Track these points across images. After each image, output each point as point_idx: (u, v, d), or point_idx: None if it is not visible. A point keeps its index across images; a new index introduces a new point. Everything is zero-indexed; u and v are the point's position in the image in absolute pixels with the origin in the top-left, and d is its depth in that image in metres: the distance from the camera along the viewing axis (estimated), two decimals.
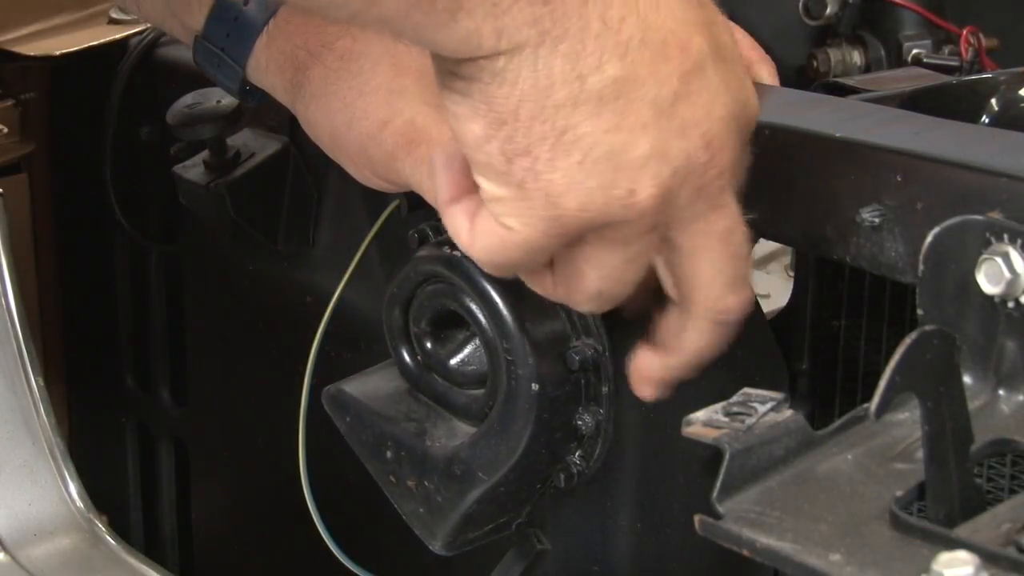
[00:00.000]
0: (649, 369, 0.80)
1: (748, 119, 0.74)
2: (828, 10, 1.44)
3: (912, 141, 0.78)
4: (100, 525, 1.21)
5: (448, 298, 0.85)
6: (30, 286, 1.36)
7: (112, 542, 1.20)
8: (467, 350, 0.86)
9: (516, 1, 0.67)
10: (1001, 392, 0.72)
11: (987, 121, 1.02)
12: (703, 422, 0.70)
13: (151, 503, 1.53)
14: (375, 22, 0.68)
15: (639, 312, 0.81)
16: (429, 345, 0.87)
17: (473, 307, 0.83)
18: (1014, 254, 0.70)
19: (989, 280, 0.71)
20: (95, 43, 1.39)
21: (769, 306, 0.94)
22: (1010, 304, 0.71)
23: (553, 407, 0.82)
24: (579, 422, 0.83)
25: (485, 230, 0.73)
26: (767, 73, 0.91)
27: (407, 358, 0.88)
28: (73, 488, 1.21)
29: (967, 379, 0.71)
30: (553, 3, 0.67)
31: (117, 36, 1.39)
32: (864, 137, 0.79)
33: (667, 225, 0.73)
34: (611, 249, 0.74)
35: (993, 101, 1.03)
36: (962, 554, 0.59)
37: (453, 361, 0.86)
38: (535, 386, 0.82)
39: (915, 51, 1.41)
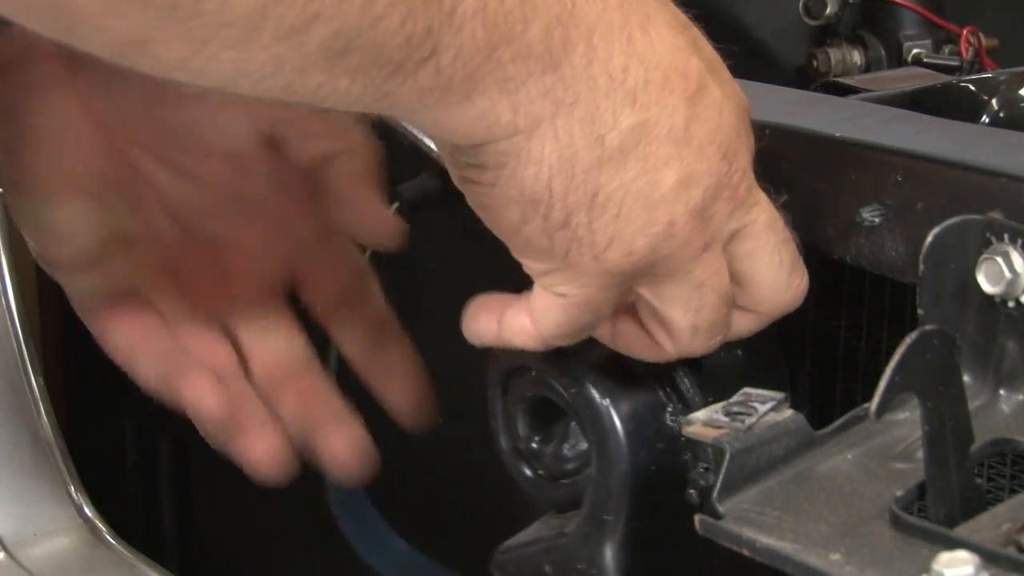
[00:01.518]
0: None
1: (746, 112, 0.75)
2: (828, 10, 1.45)
3: (912, 141, 0.78)
4: (100, 525, 1.21)
5: (526, 386, 0.85)
6: (30, 286, 1.36)
7: (112, 542, 1.20)
8: (570, 433, 0.86)
9: (529, 75, 0.66)
10: (1001, 392, 0.72)
11: (987, 121, 1.02)
12: (703, 422, 0.70)
13: (151, 503, 1.53)
14: (387, 110, 0.67)
15: None
16: (535, 447, 0.86)
17: (536, 371, 0.84)
18: (1014, 254, 0.70)
19: (989, 280, 0.71)
20: None
21: None
22: (1010, 304, 0.71)
23: (636, 416, 0.81)
24: (671, 423, 0.82)
25: (544, 307, 0.74)
26: None
27: (528, 474, 0.88)
28: (73, 488, 1.21)
29: (967, 379, 0.71)
30: (561, 70, 0.67)
31: None
32: (864, 137, 0.79)
33: (717, 240, 0.74)
34: (676, 281, 0.74)
35: (993, 101, 1.03)
36: (962, 554, 0.59)
37: (562, 450, 0.86)
38: (606, 402, 0.81)
39: (915, 51, 1.42)
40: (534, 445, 0.87)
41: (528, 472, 0.87)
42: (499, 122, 0.67)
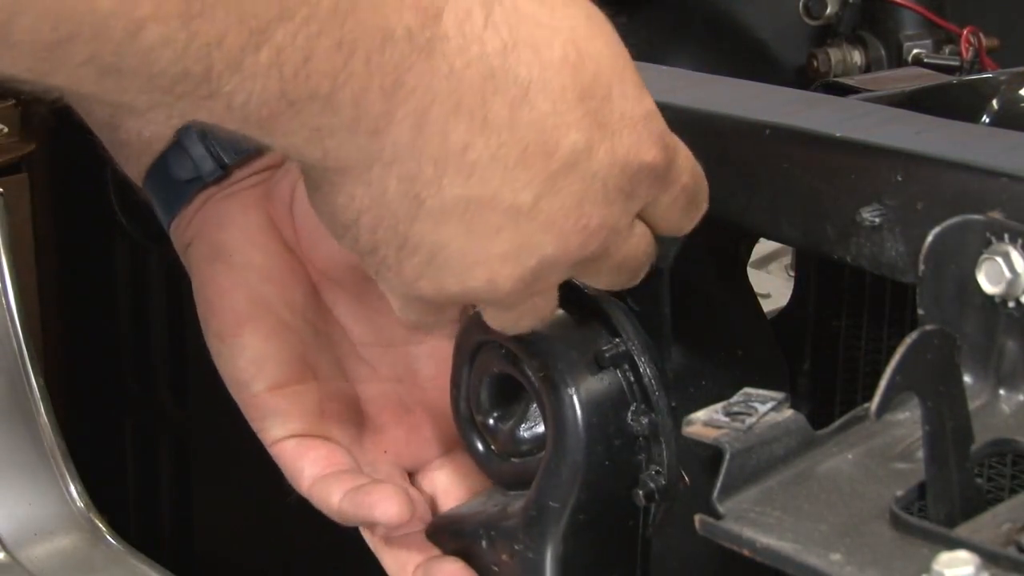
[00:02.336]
0: None
1: (637, 169, 0.69)
2: (828, 10, 1.45)
3: (912, 141, 0.78)
4: (100, 525, 1.21)
5: (494, 361, 0.85)
6: (30, 286, 1.36)
7: (112, 542, 1.20)
8: (529, 414, 0.87)
9: (337, 130, 0.63)
10: (1001, 392, 0.72)
11: (987, 121, 1.02)
12: (703, 422, 0.70)
13: (151, 503, 1.53)
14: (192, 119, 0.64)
15: None
16: (492, 423, 0.87)
17: (506, 348, 0.84)
18: (1014, 254, 0.70)
19: (989, 280, 0.71)
20: None
21: (769, 306, 0.94)
22: (1010, 304, 0.71)
23: (599, 410, 0.82)
24: (631, 422, 0.83)
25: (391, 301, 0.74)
26: None
27: (480, 447, 0.88)
28: (73, 488, 1.21)
29: (967, 379, 0.71)
30: (381, 135, 0.64)
31: None
32: (864, 137, 0.79)
33: (552, 287, 0.74)
34: (502, 310, 0.75)
35: (993, 101, 1.03)
36: (962, 554, 0.59)
37: (519, 431, 0.86)
38: (571, 391, 0.82)
39: (915, 51, 1.42)
40: (491, 421, 0.87)
41: (479, 445, 0.88)
42: (304, 157, 0.65)
